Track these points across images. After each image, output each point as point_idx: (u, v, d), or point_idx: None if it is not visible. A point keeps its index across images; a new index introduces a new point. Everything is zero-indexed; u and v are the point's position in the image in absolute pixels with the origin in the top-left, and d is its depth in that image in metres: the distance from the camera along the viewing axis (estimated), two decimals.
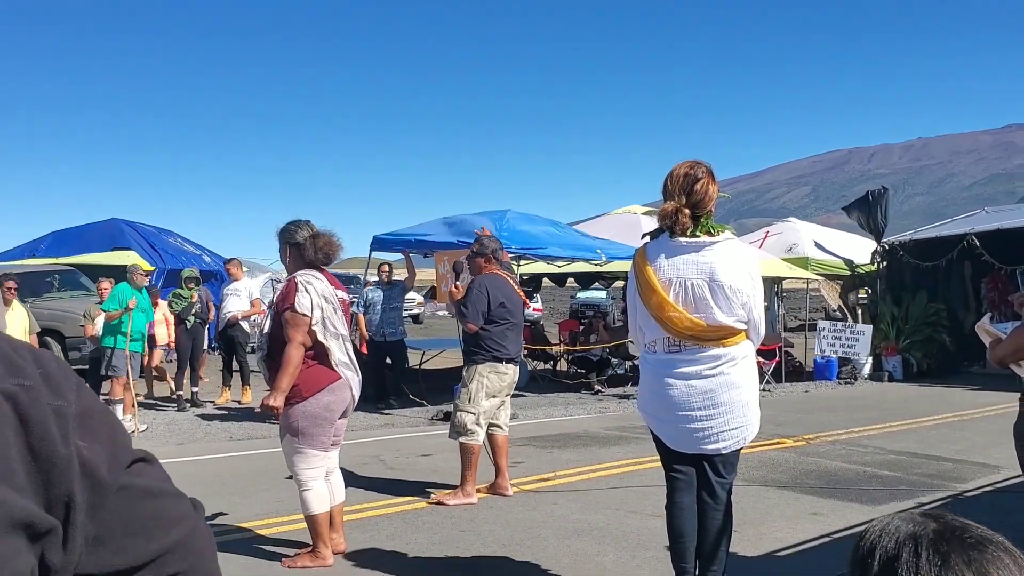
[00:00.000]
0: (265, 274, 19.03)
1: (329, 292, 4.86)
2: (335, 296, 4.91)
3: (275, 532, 5.53)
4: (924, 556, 1.06)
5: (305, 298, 4.72)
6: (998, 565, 1.05)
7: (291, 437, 4.81)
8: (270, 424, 9.32)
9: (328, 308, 4.81)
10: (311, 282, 4.80)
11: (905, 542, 1.09)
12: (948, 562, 1.05)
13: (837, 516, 6.01)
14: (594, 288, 25.24)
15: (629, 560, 4.99)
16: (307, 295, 4.73)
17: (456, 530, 5.61)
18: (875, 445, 8.85)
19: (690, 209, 3.85)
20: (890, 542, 1.11)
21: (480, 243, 6.63)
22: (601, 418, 10.80)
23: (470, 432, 6.29)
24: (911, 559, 1.07)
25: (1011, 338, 3.93)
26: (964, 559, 1.05)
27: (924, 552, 1.07)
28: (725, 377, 3.87)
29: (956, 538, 1.08)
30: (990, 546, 1.07)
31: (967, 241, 15.13)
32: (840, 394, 13.90)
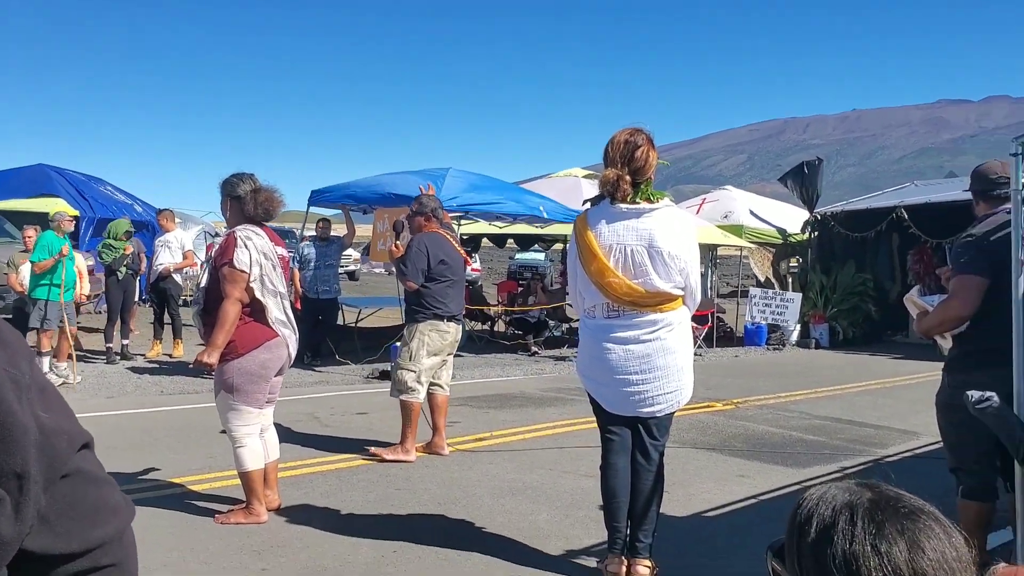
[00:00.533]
0: (198, 226, 18.66)
1: (269, 248, 4.79)
2: (275, 253, 4.84)
3: (208, 488, 5.48)
4: (859, 525, 1.11)
5: (244, 254, 4.65)
6: (929, 534, 1.10)
7: (226, 394, 4.76)
8: (203, 378, 9.21)
9: (267, 265, 4.75)
10: (251, 238, 4.72)
11: (841, 511, 1.14)
12: (882, 531, 1.10)
13: (763, 478, 6.19)
14: (533, 250, 25.31)
15: (562, 519, 5.08)
16: (246, 251, 4.66)
17: (391, 488, 5.64)
18: (801, 410, 9.12)
19: (631, 176, 3.88)
20: (827, 510, 1.15)
21: (420, 202, 6.60)
22: (538, 379, 10.91)
23: (411, 390, 6.30)
24: (847, 527, 1.11)
25: (937, 311, 4.06)
26: (898, 528, 1.10)
27: (859, 521, 1.11)
28: (662, 342, 3.95)
29: (890, 508, 1.13)
30: (922, 516, 1.12)
31: (896, 214, 15.54)
32: (769, 360, 14.25)
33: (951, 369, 4.12)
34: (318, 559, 4.33)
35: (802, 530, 1.16)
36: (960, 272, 3.94)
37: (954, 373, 4.08)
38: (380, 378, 10.38)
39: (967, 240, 4.04)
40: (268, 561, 4.28)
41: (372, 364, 11.07)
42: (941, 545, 1.09)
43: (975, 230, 4.04)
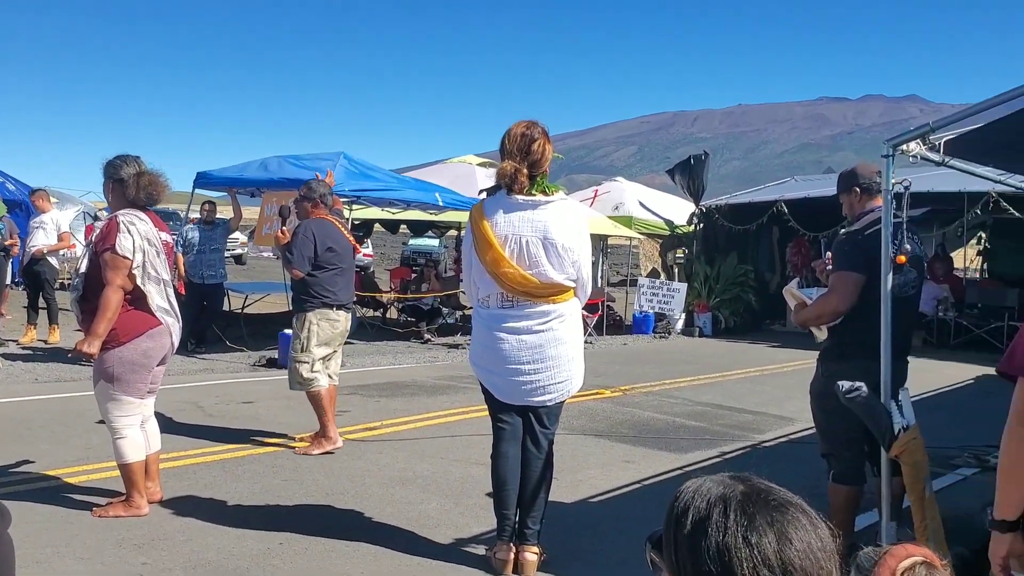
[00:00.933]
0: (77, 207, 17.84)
1: (153, 234, 4.63)
2: (159, 238, 4.69)
3: (85, 480, 5.28)
4: (732, 517, 1.16)
5: (127, 240, 4.48)
6: (796, 525, 1.17)
7: (105, 383, 4.60)
8: (80, 366, 8.82)
9: (151, 251, 4.59)
10: (134, 223, 4.56)
11: (715, 503, 1.19)
12: (753, 522, 1.16)
13: (647, 464, 6.37)
14: (427, 236, 25.22)
15: (452, 508, 5.11)
16: (129, 237, 4.49)
17: (278, 479, 5.55)
18: (684, 397, 9.40)
19: (527, 169, 3.93)
20: (702, 503, 1.20)
21: (309, 187, 6.49)
22: (430, 367, 10.90)
23: (309, 380, 6.20)
24: (720, 519, 1.17)
25: (816, 305, 4.25)
26: (767, 520, 1.16)
27: (732, 513, 1.17)
28: (554, 333, 4.01)
29: (761, 500, 1.19)
30: (791, 508, 1.19)
31: (776, 208, 16.13)
32: (655, 347, 14.62)
33: (825, 359, 4.33)
34: (202, 552, 4.23)
35: (679, 522, 1.21)
36: (840, 268, 4.14)
37: (828, 363, 4.29)
38: (267, 366, 10.18)
39: (846, 237, 4.24)
40: (149, 555, 4.16)
41: (259, 352, 10.84)
42: (808, 536, 1.16)
43: (855, 227, 4.24)
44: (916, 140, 3.57)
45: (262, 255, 31.29)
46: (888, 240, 3.70)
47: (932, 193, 11.88)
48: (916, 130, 3.58)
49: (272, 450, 6.27)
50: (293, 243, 6.19)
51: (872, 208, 4.20)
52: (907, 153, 3.62)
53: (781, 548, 1.14)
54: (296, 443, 6.43)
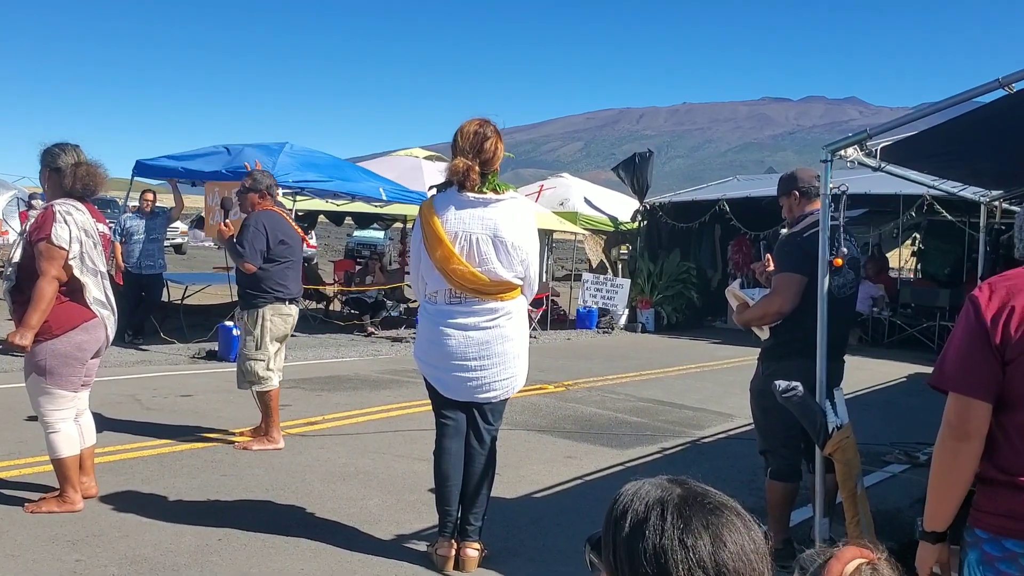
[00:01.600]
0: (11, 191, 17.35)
1: (90, 225, 4.53)
2: (96, 229, 4.58)
3: (16, 475, 5.15)
4: (669, 519, 1.20)
5: (63, 230, 4.37)
6: (731, 528, 1.20)
7: (38, 376, 4.48)
8: (11, 357, 8.59)
9: (88, 242, 4.49)
10: (71, 212, 4.45)
11: (653, 506, 1.22)
12: (689, 525, 1.19)
13: (589, 459, 6.43)
14: (372, 228, 25.05)
15: (394, 503, 5.10)
16: (65, 227, 4.38)
17: (217, 474, 5.48)
18: (627, 392, 9.50)
19: (479, 166, 3.94)
20: (640, 505, 1.23)
21: (253, 178, 6.36)
22: (373, 361, 10.84)
23: (263, 379, 6.11)
24: (658, 522, 1.20)
25: (760, 305, 4.33)
26: (703, 522, 1.19)
27: (669, 516, 1.20)
28: (500, 330, 4.03)
29: (697, 503, 1.22)
30: (725, 511, 1.22)
31: (719, 206, 16.37)
32: (599, 343, 14.74)
33: (765, 358, 4.42)
34: (138, 548, 4.16)
35: (617, 524, 1.24)
36: (783, 270, 4.22)
37: (768, 362, 4.38)
38: (207, 358, 10.03)
39: (787, 238, 4.33)
40: (83, 552, 4.08)
41: (199, 344, 10.67)
42: (741, 539, 1.20)
43: (796, 228, 4.33)
44: (854, 146, 3.66)
45: (203, 244, 30.78)
46: (825, 242, 3.79)
47: (869, 195, 12.16)
48: (854, 136, 3.67)
49: (211, 445, 6.18)
50: (244, 236, 6.06)
51: (811, 211, 4.30)
52: (845, 158, 3.71)
53: (715, 550, 1.17)
54: (236, 438, 6.35)
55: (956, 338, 2.17)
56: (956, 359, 2.15)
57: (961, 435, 2.12)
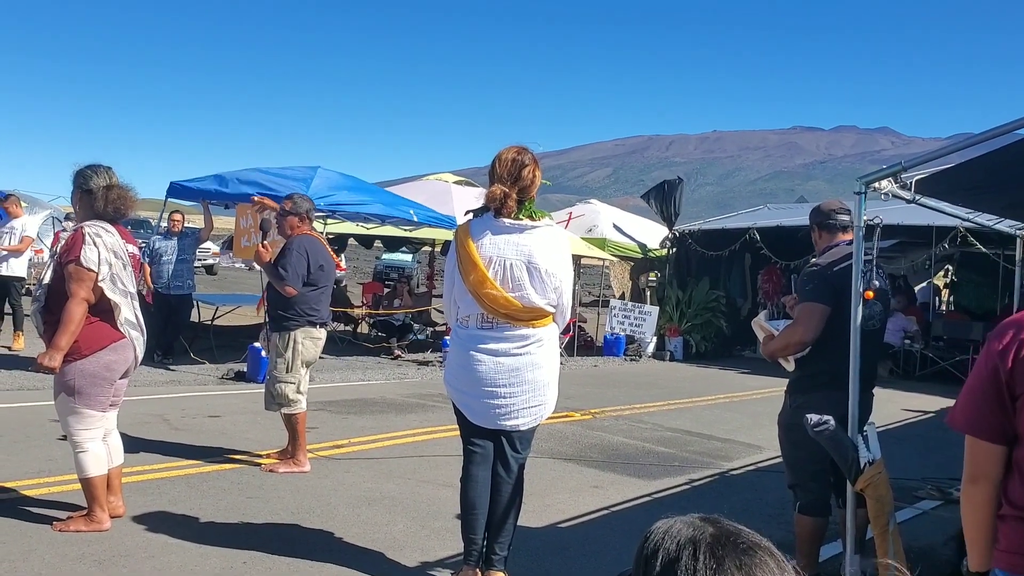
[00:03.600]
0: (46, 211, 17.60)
1: (119, 247, 4.58)
2: (126, 251, 4.63)
3: (45, 493, 5.19)
4: (701, 560, 1.17)
5: (92, 252, 4.43)
6: (764, 568, 1.18)
7: (67, 396, 4.53)
8: (44, 375, 8.68)
9: (117, 264, 4.53)
10: (100, 235, 4.50)
11: (685, 545, 1.20)
12: (722, 565, 1.17)
13: (616, 489, 6.37)
14: (401, 251, 25.17)
15: (419, 530, 5.07)
16: (95, 249, 4.44)
17: (243, 496, 5.49)
18: (654, 422, 9.42)
19: (516, 193, 3.96)
20: (672, 544, 1.21)
21: (294, 201, 6.41)
22: (399, 384, 10.85)
23: (293, 402, 6.14)
24: (690, 562, 1.18)
25: (782, 336, 4.29)
26: (736, 563, 1.17)
27: (702, 556, 1.18)
28: (531, 357, 4.02)
29: (730, 543, 1.20)
30: (758, 551, 1.20)
31: (749, 235, 16.29)
32: (626, 370, 14.65)
33: (793, 391, 4.37)
34: (164, 569, 4.17)
35: (648, 563, 1.21)
36: (805, 300, 4.19)
37: (795, 394, 4.33)
38: (235, 379, 10.09)
39: (812, 270, 4.30)
40: (110, 571, 4.10)
41: (227, 364, 10.74)
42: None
43: (820, 260, 4.30)
44: (888, 178, 3.63)
45: (235, 265, 31.06)
46: (858, 274, 3.75)
47: (901, 226, 12.05)
48: (888, 168, 3.64)
49: (238, 466, 6.20)
50: (287, 260, 6.09)
51: (836, 243, 4.28)
52: (879, 190, 3.68)
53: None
54: (263, 460, 6.36)
55: (970, 377, 2.16)
56: (965, 400, 2.13)
57: (969, 477, 2.12)
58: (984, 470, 2.08)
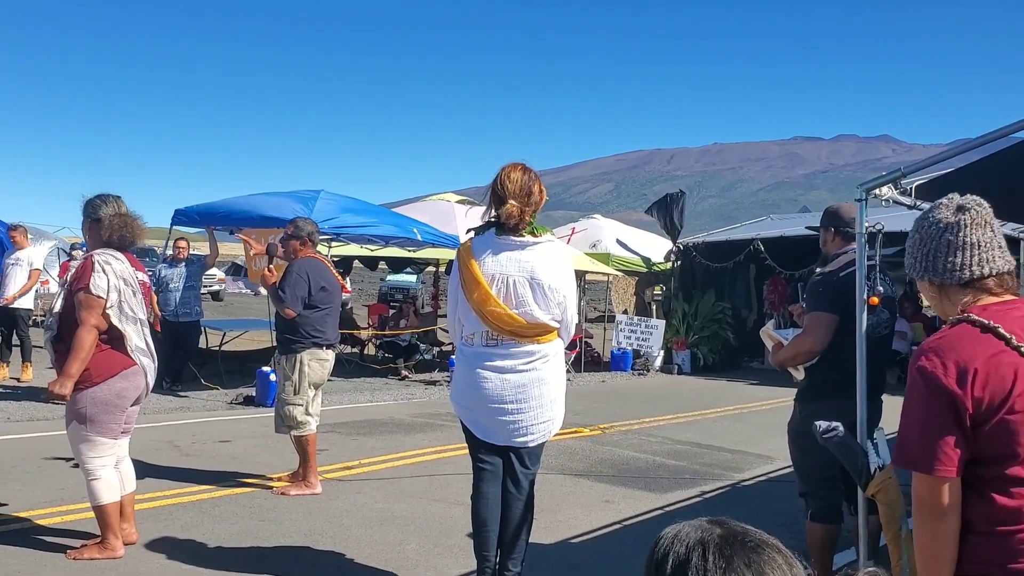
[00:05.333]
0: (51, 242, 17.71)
1: (129, 274, 4.62)
2: (135, 278, 4.68)
3: (59, 522, 5.21)
4: (711, 559, 1.19)
5: (101, 279, 4.47)
6: (772, 565, 1.20)
7: (78, 424, 4.55)
8: (54, 405, 8.70)
9: (127, 291, 4.58)
10: (109, 262, 4.55)
11: (694, 547, 1.22)
12: (731, 564, 1.19)
13: (627, 503, 6.36)
14: (405, 272, 25.21)
15: (431, 548, 5.08)
16: (104, 276, 4.48)
17: (256, 520, 5.50)
18: (664, 435, 9.41)
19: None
20: (681, 548, 1.23)
21: (296, 224, 6.47)
22: (407, 404, 10.85)
23: (302, 424, 6.16)
24: (700, 562, 1.20)
25: (791, 345, 4.30)
26: (745, 561, 1.19)
27: (711, 556, 1.20)
28: (537, 373, 4.03)
29: (738, 542, 1.22)
30: (767, 548, 1.22)
31: (753, 246, 16.30)
32: (634, 385, 14.64)
33: (802, 399, 4.37)
34: None
35: (659, 568, 1.23)
36: (814, 309, 4.20)
37: (804, 402, 4.33)
38: (245, 403, 10.11)
39: (820, 278, 4.31)
40: None
41: (236, 389, 10.76)
42: (782, 573, 1.19)
43: (827, 268, 4.31)
44: (888, 184, 3.64)
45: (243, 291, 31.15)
46: (863, 282, 3.77)
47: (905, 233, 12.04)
48: (888, 175, 3.65)
49: (250, 490, 6.21)
50: (286, 282, 6.15)
51: (846, 250, 4.28)
52: (879, 197, 3.69)
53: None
54: (274, 483, 6.37)
55: (915, 414, 2.09)
56: (921, 438, 2.07)
57: (937, 515, 2.07)
58: (952, 504, 2.06)
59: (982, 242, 2.19)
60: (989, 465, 2.04)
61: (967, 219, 2.23)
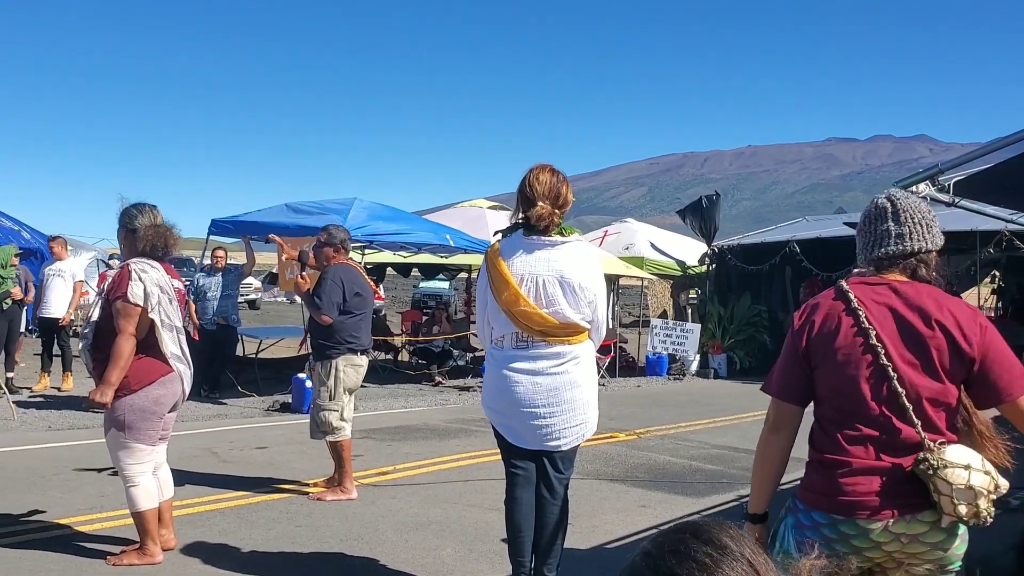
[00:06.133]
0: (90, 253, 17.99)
1: (164, 281, 4.67)
2: (171, 285, 4.73)
3: (98, 528, 5.27)
4: (665, 540, 1.19)
5: (138, 287, 4.52)
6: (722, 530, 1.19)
7: (117, 431, 4.61)
8: (93, 413, 8.85)
9: (163, 298, 4.63)
10: (146, 271, 4.60)
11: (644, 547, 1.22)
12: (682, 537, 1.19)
13: (664, 508, 6.31)
14: (438, 279, 25.27)
15: (467, 554, 5.07)
16: (140, 283, 4.53)
17: (292, 525, 5.52)
18: (700, 439, 9.33)
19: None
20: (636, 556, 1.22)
21: (329, 232, 6.51)
22: (441, 410, 10.87)
23: (337, 429, 6.19)
24: (653, 548, 1.20)
25: None
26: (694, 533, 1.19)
27: (665, 537, 1.20)
28: (568, 376, 4.00)
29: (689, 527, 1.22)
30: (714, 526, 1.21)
31: (789, 248, 16.14)
32: (669, 389, 14.54)
33: None
34: None
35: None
36: None
37: None
38: (281, 410, 10.18)
39: None
40: None
41: (272, 396, 10.84)
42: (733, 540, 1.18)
43: None
44: (925, 182, 3.59)
45: (277, 299, 31.43)
46: None
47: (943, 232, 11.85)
48: (924, 172, 3.60)
49: (286, 496, 6.25)
50: (321, 289, 6.19)
51: None
52: (916, 194, 3.63)
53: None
54: (310, 489, 6.41)
55: (781, 353, 2.62)
56: (777, 369, 2.61)
57: (772, 428, 2.59)
58: (785, 424, 2.58)
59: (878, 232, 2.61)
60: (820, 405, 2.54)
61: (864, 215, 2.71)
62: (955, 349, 2.39)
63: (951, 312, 2.41)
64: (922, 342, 2.39)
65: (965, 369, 2.41)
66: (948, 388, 2.41)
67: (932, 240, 2.57)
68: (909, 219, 2.55)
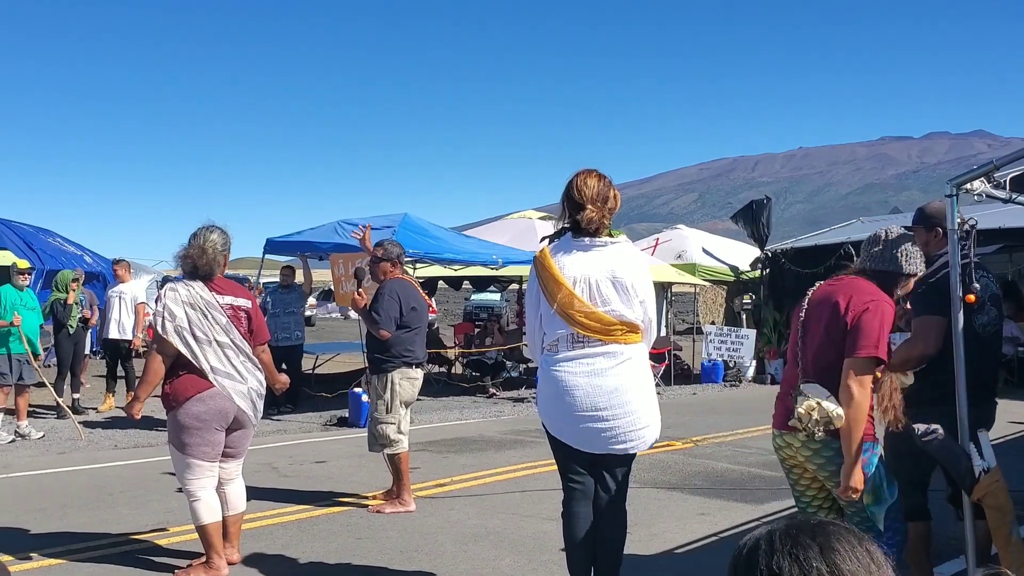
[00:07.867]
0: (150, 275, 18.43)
1: (199, 298, 4.75)
2: (214, 301, 4.78)
3: (166, 543, 5.41)
4: (777, 542, 1.25)
5: (160, 307, 4.72)
6: (839, 536, 1.25)
7: (173, 448, 4.80)
8: (157, 431, 9.08)
9: (195, 315, 4.70)
10: (175, 289, 4.76)
11: (762, 537, 1.29)
12: (797, 540, 1.24)
13: (723, 516, 6.26)
14: (489, 291, 25.38)
15: (526, 564, 5.08)
16: (162, 302, 4.73)
17: (352, 538, 5.60)
18: (759, 446, 9.22)
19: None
20: (751, 542, 1.30)
21: (384, 247, 6.58)
22: (496, 422, 10.91)
23: (395, 442, 6.27)
24: (767, 546, 1.26)
25: (901, 351, 4.16)
26: (810, 535, 1.24)
27: (777, 539, 1.26)
28: (624, 378, 3.94)
29: (803, 523, 1.29)
30: (831, 525, 1.28)
31: (844, 249, 15.87)
32: (726, 396, 14.40)
33: (908, 402, 4.23)
34: None
35: (735, 570, 1.27)
36: (922, 313, 4.07)
37: (910, 406, 4.19)
38: (338, 425, 10.32)
39: (925, 281, 4.17)
40: None
41: (330, 411, 10.99)
42: (851, 545, 1.23)
43: (931, 269, 4.17)
44: (980, 179, 3.53)
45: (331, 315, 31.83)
46: (956, 280, 3.65)
47: (1002, 230, 11.59)
48: (979, 168, 3.54)
49: (346, 509, 6.34)
50: (380, 304, 6.27)
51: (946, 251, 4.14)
52: (971, 192, 3.58)
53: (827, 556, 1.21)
54: (369, 501, 6.49)
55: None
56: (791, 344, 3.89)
57: None
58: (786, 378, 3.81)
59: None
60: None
61: None
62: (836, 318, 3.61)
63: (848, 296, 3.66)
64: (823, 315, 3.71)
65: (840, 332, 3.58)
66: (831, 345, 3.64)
67: None
68: None
